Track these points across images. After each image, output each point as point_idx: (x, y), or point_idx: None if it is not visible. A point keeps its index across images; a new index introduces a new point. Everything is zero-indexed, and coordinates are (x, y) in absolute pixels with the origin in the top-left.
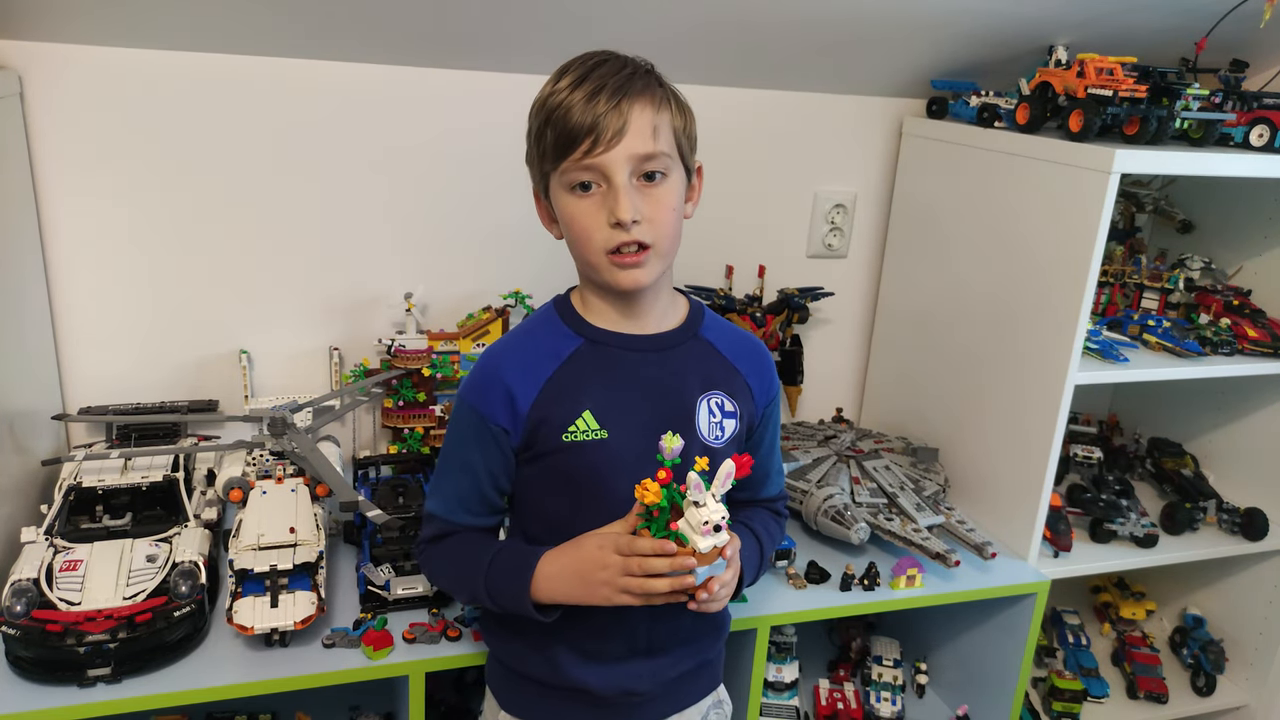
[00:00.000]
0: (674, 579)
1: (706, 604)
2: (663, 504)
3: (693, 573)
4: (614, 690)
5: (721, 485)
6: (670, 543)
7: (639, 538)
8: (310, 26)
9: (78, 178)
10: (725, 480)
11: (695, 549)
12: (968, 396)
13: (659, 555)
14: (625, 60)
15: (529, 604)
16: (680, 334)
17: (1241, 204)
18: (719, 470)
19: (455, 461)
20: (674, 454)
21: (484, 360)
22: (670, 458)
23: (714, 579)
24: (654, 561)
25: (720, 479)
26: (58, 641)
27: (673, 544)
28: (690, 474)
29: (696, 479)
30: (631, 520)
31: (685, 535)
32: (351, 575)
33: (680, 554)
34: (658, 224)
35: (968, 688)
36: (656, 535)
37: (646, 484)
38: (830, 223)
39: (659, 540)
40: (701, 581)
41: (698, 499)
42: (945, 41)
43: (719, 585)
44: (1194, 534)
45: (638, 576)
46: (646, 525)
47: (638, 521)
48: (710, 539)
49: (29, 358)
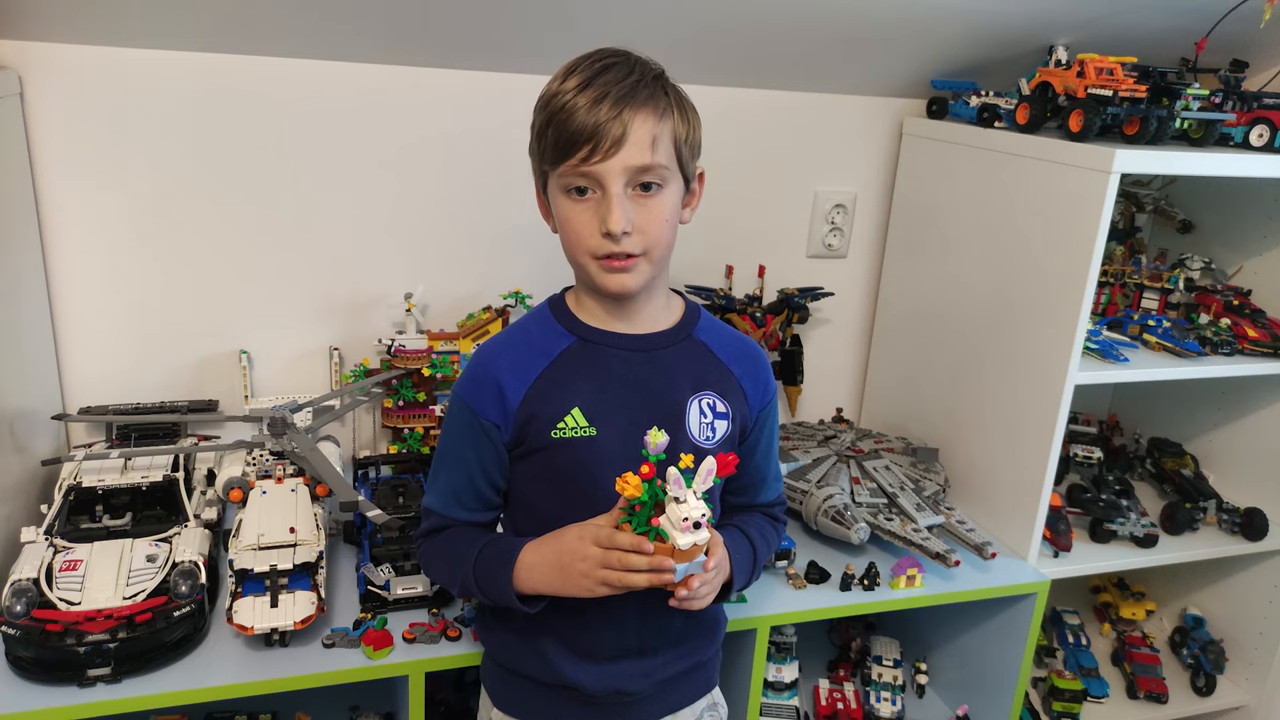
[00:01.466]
0: (651, 575)
1: (687, 601)
2: (643, 498)
3: (672, 569)
4: (606, 689)
5: (703, 482)
6: (647, 540)
7: (619, 532)
8: (309, 27)
9: (78, 178)
10: (706, 477)
11: (675, 545)
12: (968, 396)
13: (637, 551)
14: (634, 65)
15: (512, 594)
16: (673, 335)
17: (1241, 204)
18: (700, 467)
19: (449, 457)
20: (658, 449)
21: (477, 357)
22: (655, 452)
23: (694, 576)
24: (632, 557)
25: (701, 475)
26: (58, 641)
27: (649, 542)
28: (671, 470)
29: (677, 475)
30: (614, 514)
31: (665, 531)
32: (351, 575)
33: (659, 551)
34: (649, 234)
35: (968, 688)
36: (637, 530)
37: (627, 477)
38: (830, 223)
39: (637, 537)
40: (680, 578)
41: (678, 495)
42: (945, 41)
43: (699, 583)
44: (1194, 534)
45: (616, 570)
46: (628, 519)
47: (620, 515)
48: (690, 536)
49: (29, 358)
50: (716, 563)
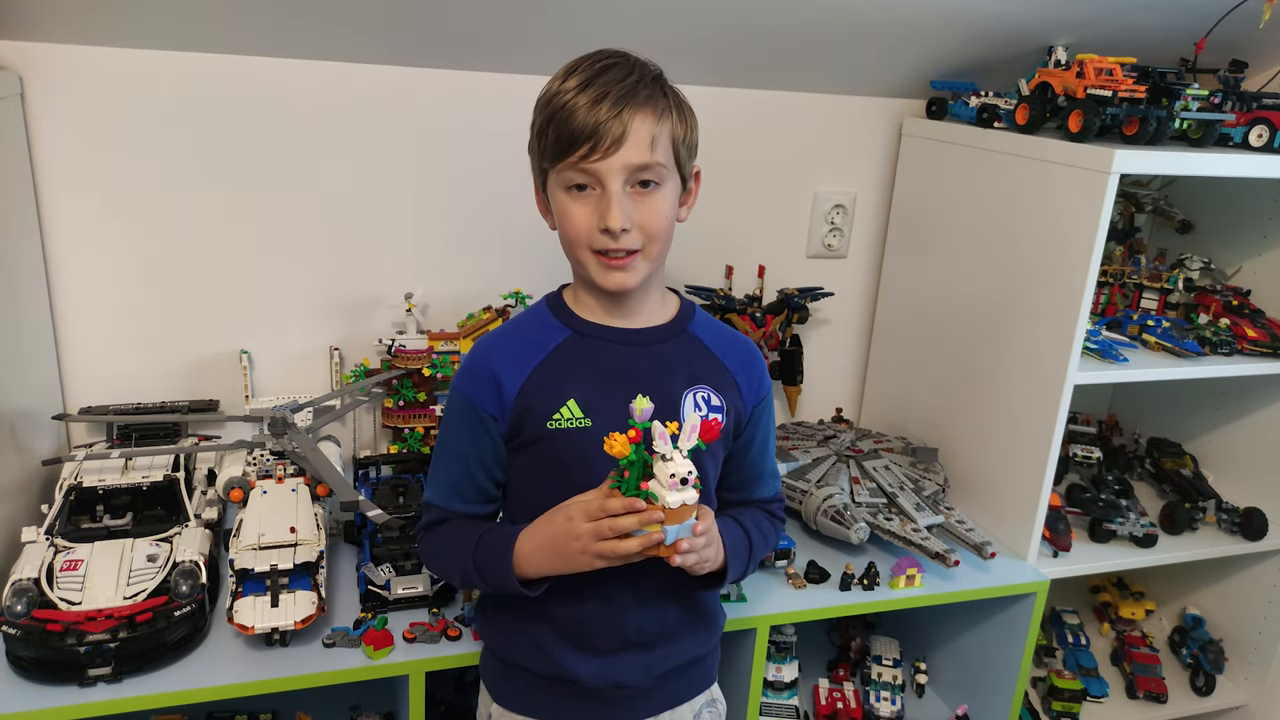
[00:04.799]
0: (642, 537)
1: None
2: (631, 458)
3: (662, 530)
4: (604, 682)
5: (688, 440)
6: (639, 500)
7: (609, 498)
8: (310, 27)
9: (78, 178)
10: (691, 434)
11: (664, 504)
12: (967, 396)
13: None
14: (633, 66)
15: (514, 580)
16: (669, 329)
17: (1241, 204)
18: (685, 425)
19: (448, 449)
20: (644, 415)
21: (474, 350)
22: (640, 419)
23: (683, 540)
24: (623, 520)
25: (686, 433)
26: (58, 641)
27: (641, 501)
28: (656, 425)
29: (661, 429)
30: (604, 486)
31: (654, 493)
32: (352, 575)
33: (650, 509)
34: (647, 231)
35: (967, 687)
36: (627, 494)
37: (614, 436)
38: (830, 223)
39: (629, 499)
40: (671, 541)
41: (664, 452)
42: (945, 41)
43: (687, 545)
44: (1193, 534)
45: (609, 539)
46: (617, 485)
47: (610, 482)
48: (679, 494)
49: (29, 358)
50: (705, 527)
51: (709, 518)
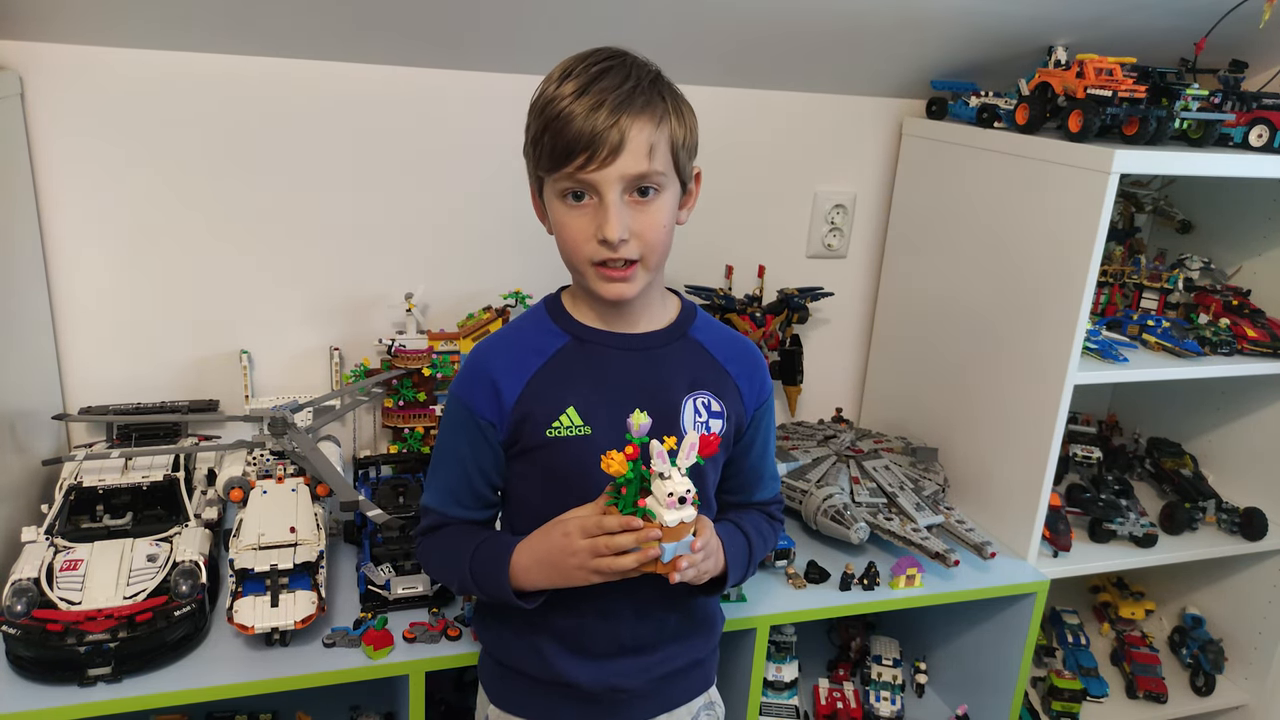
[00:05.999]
0: (639, 554)
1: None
2: (628, 476)
3: (660, 547)
4: (601, 686)
5: (686, 457)
6: (636, 518)
7: (606, 515)
8: (310, 27)
9: (78, 178)
10: (690, 452)
11: (661, 523)
12: (967, 396)
13: (626, 531)
14: (630, 68)
15: (510, 593)
16: (669, 334)
17: (1241, 204)
18: (683, 442)
19: (446, 455)
20: (641, 430)
21: (473, 355)
22: (638, 434)
23: (682, 557)
24: (620, 538)
25: (685, 451)
26: (58, 641)
27: (638, 519)
28: (654, 444)
29: (659, 448)
30: (600, 501)
31: (652, 511)
32: (352, 575)
33: (647, 527)
34: (647, 240)
35: (967, 687)
36: (624, 511)
37: (611, 454)
38: (830, 223)
39: (625, 517)
40: (669, 559)
41: (663, 470)
42: (945, 41)
43: (686, 564)
44: (1193, 534)
45: (606, 556)
46: (614, 502)
47: (608, 498)
48: (677, 512)
49: (29, 358)
50: (704, 543)
51: (708, 530)
